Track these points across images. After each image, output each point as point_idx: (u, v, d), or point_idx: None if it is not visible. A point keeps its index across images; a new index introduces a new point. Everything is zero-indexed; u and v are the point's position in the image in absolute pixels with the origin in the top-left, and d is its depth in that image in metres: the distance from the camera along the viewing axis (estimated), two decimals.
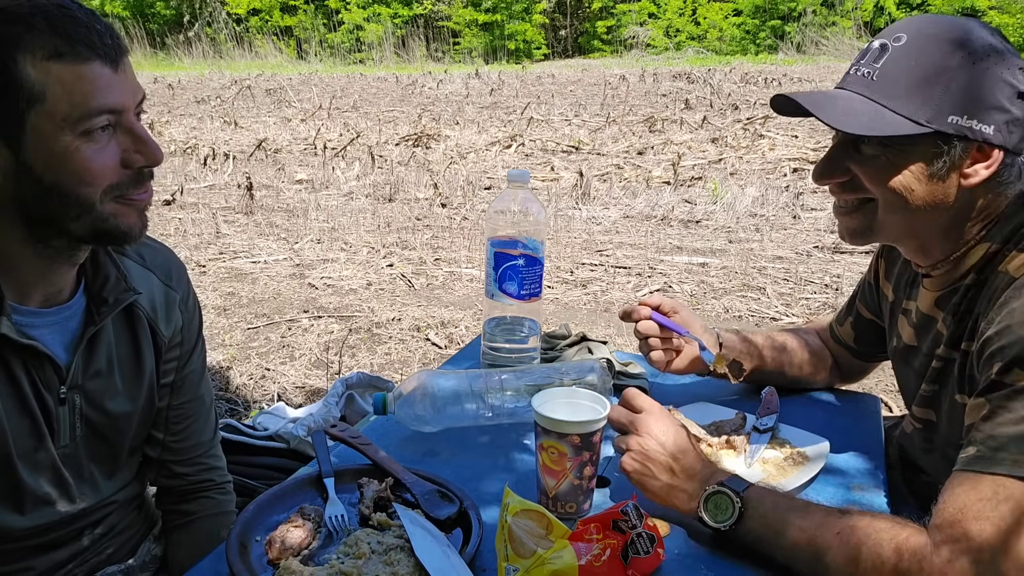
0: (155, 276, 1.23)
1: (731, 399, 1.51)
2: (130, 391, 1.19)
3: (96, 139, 0.95)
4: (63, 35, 0.91)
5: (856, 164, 1.11)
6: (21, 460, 1.06)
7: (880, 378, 3.25)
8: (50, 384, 1.07)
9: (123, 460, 1.24)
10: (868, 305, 1.48)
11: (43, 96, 0.91)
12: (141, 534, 1.33)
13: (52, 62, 0.91)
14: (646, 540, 0.95)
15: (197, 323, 1.32)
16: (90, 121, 0.94)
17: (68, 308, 1.10)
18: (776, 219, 5.84)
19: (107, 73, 0.95)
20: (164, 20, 22.39)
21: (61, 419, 1.10)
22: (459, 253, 5.19)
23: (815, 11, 18.95)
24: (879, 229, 1.14)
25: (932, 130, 1.03)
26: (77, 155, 0.94)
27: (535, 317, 1.54)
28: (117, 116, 0.97)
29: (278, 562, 0.99)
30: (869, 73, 1.08)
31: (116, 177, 0.99)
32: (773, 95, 1.16)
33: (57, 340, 1.09)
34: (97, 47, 0.94)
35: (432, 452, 1.31)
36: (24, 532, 1.11)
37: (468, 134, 9.59)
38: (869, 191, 1.12)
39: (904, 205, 1.09)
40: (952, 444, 1.06)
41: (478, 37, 21.18)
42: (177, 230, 5.72)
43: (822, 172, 1.16)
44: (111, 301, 1.12)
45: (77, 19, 0.93)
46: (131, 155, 0.99)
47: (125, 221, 1.02)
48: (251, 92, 13.68)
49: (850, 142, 1.12)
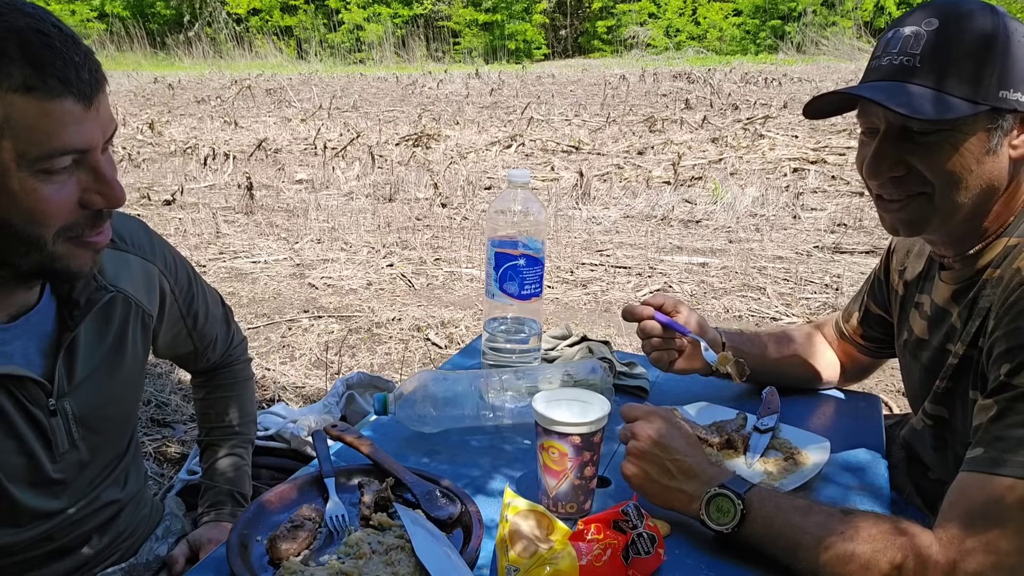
0: (133, 255, 1.18)
1: (732, 399, 1.51)
2: (120, 379, 1.17)
3: (54, 178, 0.88)
4: (36, 66, 0.83)
5: (913, 155, 1.09)
6: (11, 480, 1.04)
7: (880, 378, 3.25)
8: (36, 400, 1.04)
9: (124, 447, 1.25)
10: (877, 300, 1.48)
11: (2, 131, 0.83)
12: (144, 534, 1.33)
13: (18, 95, 0.83)
14: (647, 540, 0.95)
15: (184, 273, 1.31)
16: (50, 161, 0.86)
17: (36, 314, 1.05)
18: (776, 219, 5.84)
19: (77, 111, 0.86)
20: (164, 20, 22.41)
21: (56, 429, 1.07)
22: (459, 253, 5.19)
23: (815, 11, 18.97)
24: (939, 217, 1.12)
25: (989, 107, 1.03)
26: (32, 194, 0.87)
27: (535, 317, 1.54)
28: (82, 155, 0.90)
29: (278, 562, 0.99)
30: (909, 61, 1.06)
31: (71, 217, 0.91)
32: (811, 98, 1.15)
33: (32, 349, 1.04)
34: (71, 82, 0.85)
35: (432, 452, 1.31)
36: (26, 543, 1.10)
37: (468, 134, 9.59)
38: (924, 184, 1.10)
39: (965, 187, 1.08)
40: (964, 442, 1.06)
41: (478, 37, 21.19)
42: (177, 230, 5.72)
43: (879, 168, 1.12)
44: (83, 302, 1.07)
45: (54, 48, 0.84)
46: (91, 195, 0.92)
47: (76, 262, 0.95)
48: (251, 92, 13.68)
49: (901, 133, 1.09)
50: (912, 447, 1.36)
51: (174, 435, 2.84)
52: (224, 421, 1.48)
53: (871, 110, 1.11)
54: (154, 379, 3.26)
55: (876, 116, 1.11)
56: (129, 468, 1.28)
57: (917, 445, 1.33)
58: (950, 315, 1.20)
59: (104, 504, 1.20)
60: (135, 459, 1.30)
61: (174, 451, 2.75)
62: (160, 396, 3.11)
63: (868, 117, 1.13)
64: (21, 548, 1.09)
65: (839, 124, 9.10)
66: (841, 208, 6.02)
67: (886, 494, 1.20)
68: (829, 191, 6.61)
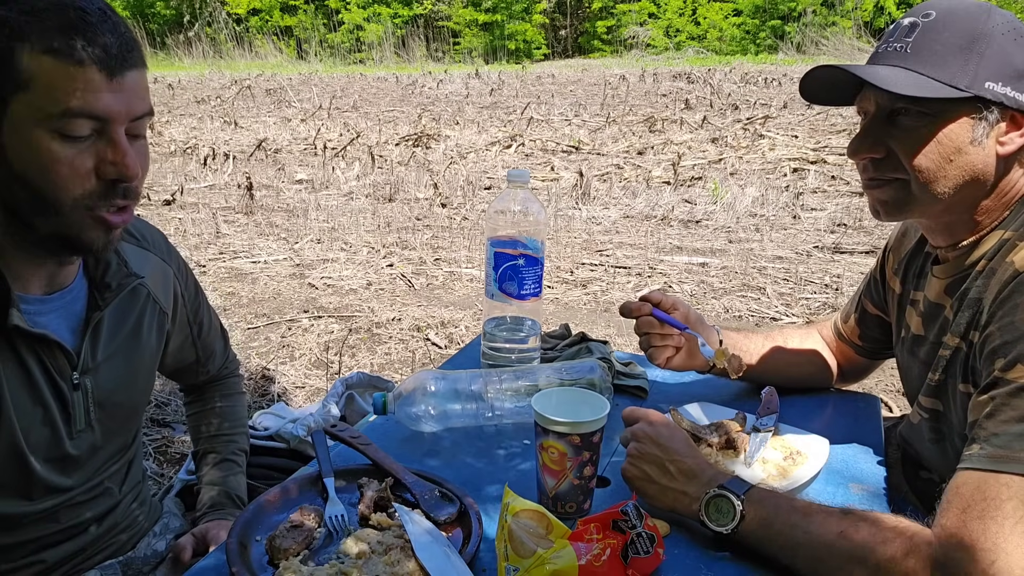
0: (152, 255, 1.27)
1: (731, 399, 1.51)
2: (135, 366, 1.23)
3: (74, 143, 0.94)
4: (66, 33, 0.91)
5: (894, 139, 1.11)
6: (33, 451, 1.08)
7: (880, 378, 3.25)
8: (63, 371, 1.10)
9: (130, 439, 1.29)
10: (874, 300, 1.48)
11: (28, 85, 0.91)
12: (141, 531, 1.34)
13: (46, 55, 0.90)
14: (646, 540, 0.95)
15: (192, 281, 1.40)
16: (69, 121, 0.92)
17: (70, 292, 1.12)
18: (776, 219, 5.84)
19: (98, 79, 0.93)
20: (164, 20, 22.40)
21: (76, 404, 1.12)
22: (459, 253, 5.19)
23: (815, 11, 18.96)
24: (914, 203, 1.14)
25: (972, 95, 1.05)
26: (48, 152, 0.93)
27: (535, 317, 1.54)
28: (103, 124, 0.95)
29: (278, 562, 0.99)
30: (902, 47, 1.10)
31: (87, 185, 0.97)
32: (805, 74, 1.18)
33: (64, 325, 1.11)
34: (96, 53, 0.92)
35: (432, 452, 1.31)
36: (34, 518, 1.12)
37: (468, 134, 9.59)
38: (900, 170, 1.12)
39: (942, 177, 1.09)
40: (961, 434, 1.06)
41: (478, 37, 21.18)
42: (177, 230, 5.72)
43: (857, 147, 1.15)
44: (114, 287, 1.15)
45: (88, 23, 0.92)
46: (105, 165, 0.97)
47: (88, 234, 1.00)
48: (251, 92, 13.68)
49: (887, 116, 1.12)
50: (909, 444, 1.36)
51: (174, 435, 2.85)
52: (219, 431, 1.51)
53: (865, 96, 1.15)
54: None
55: (868, 101, 1.14)
56: (131, 462, 1.31)
57: (914, 440, 1.33)
58: (943, 309, 1.21)
59: (105, 492, 1.24)
60: (137, 455, 1.34)
61: (174, 451, 2.75)
62: (160, 396, 3.12)
63: (862, 103, 1.16)
64: (29, 523, 1.13)
65: (839, 124, 9.10)
66: (841, 208, 6.02)
67: (884, 494, 1.20)
68: (829, 191, 6.61)
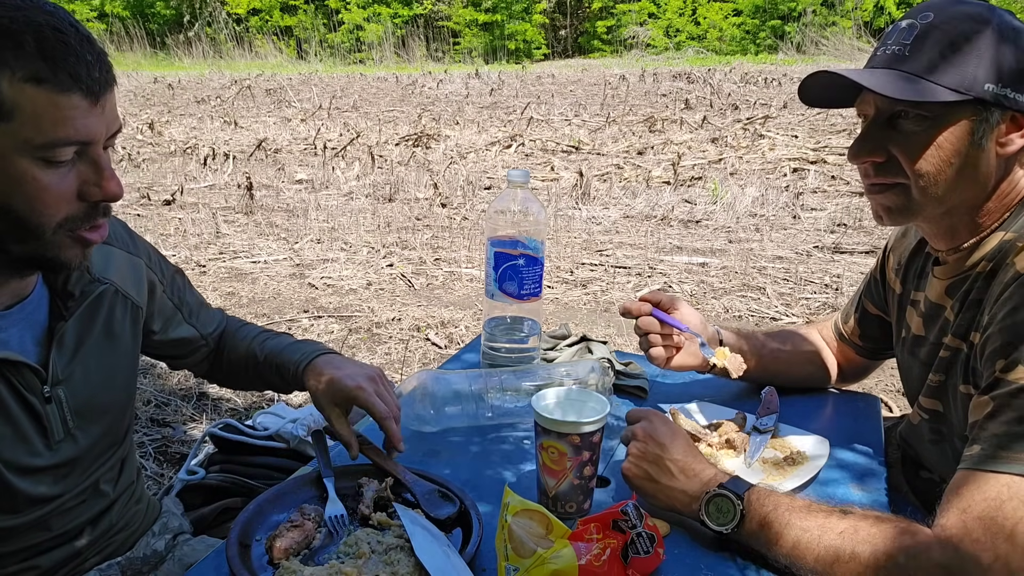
0: (117, 248, 1.23)
1: (731, 399, 1.51)
2: (112, 369, 1.20)
3: (56, 167, 0.92)
4: (49, 60, 0.88)
5: (894, 143, 1.10)
6: (8, 468, 1.05)
7: (880, 378, 3.25)
8: (32, 387, 1.06)
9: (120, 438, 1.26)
10: (874, 300, 1.48)
11: (10, 115, 0.87)
12: (139, 530, 1.33)
13: (29, 85, 0.87)
14: (646, 540, 0.95)
15: (168, 269, 1.36)
16: (53, 150, 0.91)
17: (31, 302, 1.08)
18: (776, 219, 5.84)
19: (84, 106, 0.91)
20: (164, 20, 22.39)
21: (52, 416, 1.10)
22: (459, 253, 5.19)
23: (815, 11, 18.96)
24: (917, 208, 1.13)
25: (971, 97, 1.04)
26: (33, 180, 0.91)
27: (535, 317, 1.54)
28: (84, 147, 0.94)
29: (278, 562, 0.99)
30: (900, 50, 1.09)
31: (71, 209, 0.95)
32: (803, 79, 1.17)
33: (27, 337, 1.08)
34: (81, 79, 0.90)
35: (432, 452, 1.31)
36: (23, 529, 1.11)
37: (468, 134, 9.59)
38: (901, 174, 1.11)
39: (943, 181, 1.09)
40: (961, 435, 1.06)
41: (478, 37, 21.18)
42: (177, 230, 5.72)
43: (858, 151, 1.14)
44: (77, 295, 1.12)
45: (68, 45, 0.89)
46: (89, 187, 0.96)
47: (66, 253, 0.99)
48: (251, 92, 13.68)
49: (886, 120, 1.11)
50: (909, 444, 1.36)
51: (174, 435, 2.84)
52: (258, 333, 1.46)
53: (865, 99, 1.14)
54: (154, 379, 3.26)
55: (868, 105, 1.14)
56: (124, 460, 1.29)
57: (914, 440, 1.33)
58: (944, 309, 1.20)
59: (97, 494, 1.22)
60: (130, 453, 1.32)
61: (174, 451, 2.75)
62: (160, 396, 3.11)
63: (862, 106, 1.15)
64: (19, 534, 1.11)
65: (839, 124, 9.10)
66: (841, 208, 6.02)
67: (884, 494, 1.20)
68: (829, 191, 6.61)
